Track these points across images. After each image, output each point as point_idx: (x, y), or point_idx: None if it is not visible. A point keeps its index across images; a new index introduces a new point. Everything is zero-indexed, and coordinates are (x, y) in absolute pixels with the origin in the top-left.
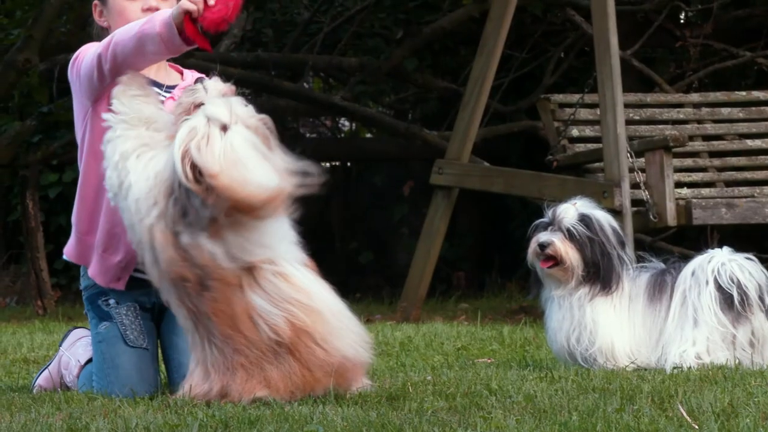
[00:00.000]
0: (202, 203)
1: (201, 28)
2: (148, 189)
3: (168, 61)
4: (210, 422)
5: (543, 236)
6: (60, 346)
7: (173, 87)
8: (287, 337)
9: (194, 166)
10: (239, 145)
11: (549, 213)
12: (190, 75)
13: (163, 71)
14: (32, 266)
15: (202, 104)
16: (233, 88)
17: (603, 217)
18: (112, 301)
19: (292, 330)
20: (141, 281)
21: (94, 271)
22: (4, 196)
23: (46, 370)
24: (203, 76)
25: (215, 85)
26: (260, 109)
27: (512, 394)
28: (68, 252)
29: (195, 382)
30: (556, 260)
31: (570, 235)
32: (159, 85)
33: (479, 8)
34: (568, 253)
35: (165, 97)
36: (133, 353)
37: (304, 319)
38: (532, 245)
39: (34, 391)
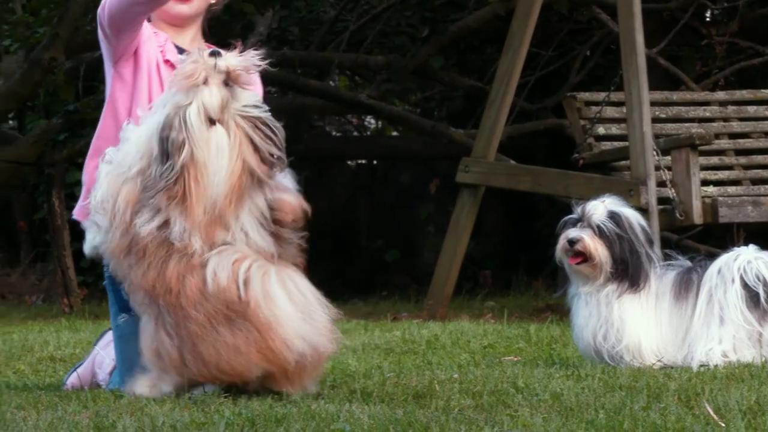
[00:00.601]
0: (161, 175)
1: None
2: (137, 146)
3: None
4: (237, 420)
5: (572, 232)
6: (95, 345)
7: None
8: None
9: (172, 143)
10: (213, 147)
11: (578, 209)
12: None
13: (196, 44)
14: (58, 264)
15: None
16: (252, 62)
17: (632, 215)
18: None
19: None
20: None
21: None
22: (30, 194)
23: (79, 368)
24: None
25: (224, 62)
26: (286, 108)
27: (539, 392)
28: (78, 212)
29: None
30: (584, 256)
31: (599, 232)
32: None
33: (505, 6)
34: (597, 249)
35: None
36: None
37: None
38: (561, 241)
39: (65, 388)
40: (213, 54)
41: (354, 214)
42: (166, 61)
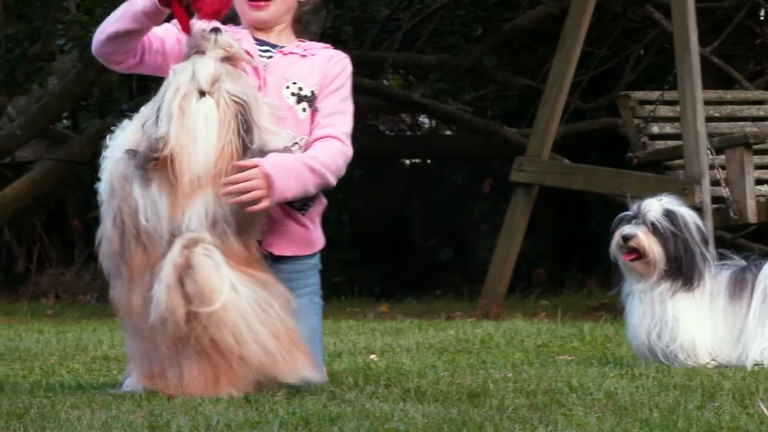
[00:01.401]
0: (146, 154)
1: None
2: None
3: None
4: (291, 419)
5: (627, 229)
6: None
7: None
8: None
9: (163, 110)
10: (200, 120)
11: (634, 207)
12: (322, 45)
13: (284, 35)
14: None
15: (203, 52)
16: (238, 50)
17: (687, 214)
18: None
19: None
20: None
21: None
22: (85, 193)
23: None
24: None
25: (224, 39)
26: None
27: (593, 391)
28: None
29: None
30: (638, 253)
31: (654, 229)
32: (273, 46)
33: (558, 5)
34: (651, 246)
35: (272, 54)
36: None
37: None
38: (616, 237)
39: (123, 388)
40: (214, 30)
41: (408, 213)
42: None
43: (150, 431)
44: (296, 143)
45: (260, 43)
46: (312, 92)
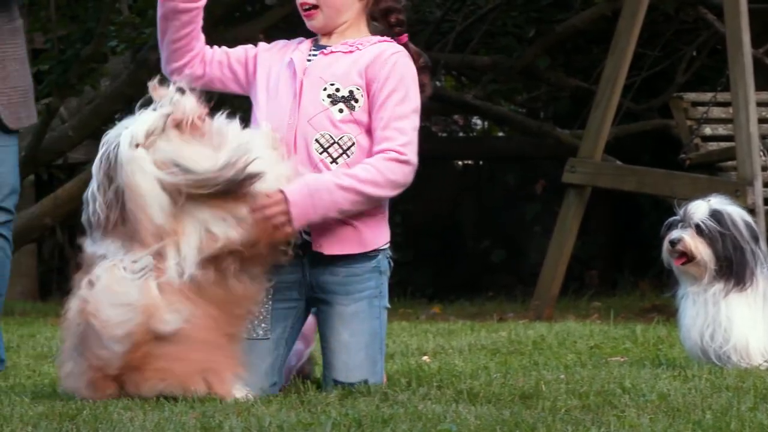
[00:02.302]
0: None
1: None
2: None
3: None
4: (343, 420)
5: (674, 233)
6: None
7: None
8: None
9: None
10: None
11: (681, 210)
12: (376, 39)
13: (348, 37)
14: None
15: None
16: (201, 111)
17: (735, 212)
18: None
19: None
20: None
21: None
22: None
23: None
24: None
25: (183, 101)
26: None
27: (645, 393)
28: None
29: None
30: (687, 256)
31: (700, 231)
32: (320, 47)
33: (611, 6)
34: (698, 248)
35: (321, 52)
36: (244, 346)
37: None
38: (665, 243)
39: None
40: (179, 89)
41: (460, 215)
42: (290, 61)
43: None
44: (335, 142)
45: (317, 47)
46: (350, 92)
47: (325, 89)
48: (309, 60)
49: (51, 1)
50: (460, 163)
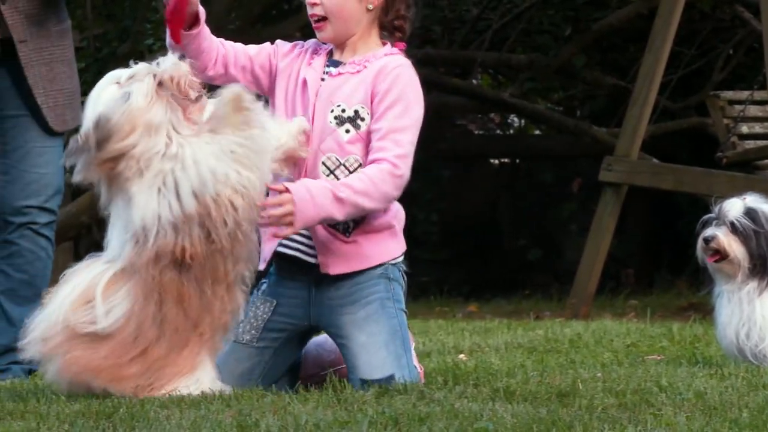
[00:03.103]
0: None
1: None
2: None
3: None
4: (380, 419)
5: (708, 231)
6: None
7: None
8: None
9: None
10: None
11: (716, 208)
12: (382, 52)
13: (359, 48)
14: None
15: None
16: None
17: None
18: (263, 287)
19: None
20: (293, 264)
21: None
22: None
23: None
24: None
25: (173, 62)
26: (429, 106)
27: (682, 391)
28: None
29: None
30: (721, 254)
31: (734, 229)
32: (335, 63)
33: (647, 5)
34: (732, 246)
35: (328, 72)
36: (227, 347)
37: None
38: (699, 240)
39: None
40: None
41: (496, 213)
42: (303, 81)
43: (239, 431)
44: (341, 164)
45: (333, 63)
46: (355, 111)
47: (332, 111)
48: (323, 78)
49: (87, 0)
50: (496, 161)
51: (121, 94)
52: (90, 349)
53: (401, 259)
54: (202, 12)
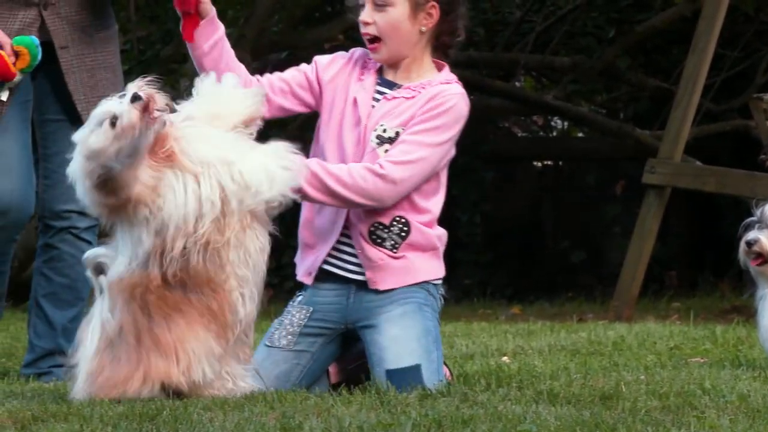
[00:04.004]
0: None
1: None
2: None
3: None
4: (423, 421)
5: (751, 234)
6: None
7: (400, 87)
8: None
9: None
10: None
11: (758, 211)
12: (438, 80)
13: (413, 69)
14: None
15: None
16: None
17: None
18: (299, 299)
19: None
20: (337, 277)
21: (297, 259)
22: None
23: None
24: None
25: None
26: (472, 109)
27: (725, 394)
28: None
29: None
30: (764, 257)
31: None
32: (391, 85)
33: (691, 7)
34: None
35: (383, 94)
36: (263, 352)
37: None
38: (741, 244)
39: None
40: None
41: (539, 215)
42: (354, 101)
43: None
44: None
45: (383, 82)
46: (396, 133)
47: (375, 130)
48: (376, 99)
49: (131, 2)
50: (539, 163)
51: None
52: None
53: (440, 282)
54: (220, 25)
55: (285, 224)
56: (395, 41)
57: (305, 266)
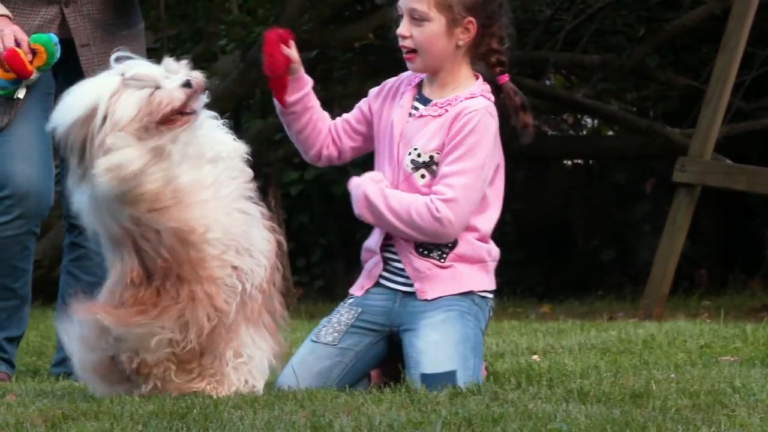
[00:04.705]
0: None
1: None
2: None
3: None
4: (454, 420)
5: None
6: None
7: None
8: None
9: None
10: None
11: None
12: (465, 95)
13: (449, 83)
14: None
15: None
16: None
17: None
18: (349, 301)
19: None
20: (386, 287)
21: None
22: None
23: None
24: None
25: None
26: (501, 108)
27: (756, 392)
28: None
29: None
30: None
31: None
32: (426, 101)
33: (721, 5)
34: None
35: (418, 110)
36: (308, 347)
37: None
38: None
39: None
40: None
41: (569, 214)
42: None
43: (312, 431)
44: None
45: (420, 98)
46: (430, 157)
47: (409, 154)
48: (410, 114)
49: (161, 1)
50: (569, 162)
51: None
52: None
53: (491, 296)
54: (308, 80)
55: (315, 223)
56: (430, 55)
57: (360, 282)
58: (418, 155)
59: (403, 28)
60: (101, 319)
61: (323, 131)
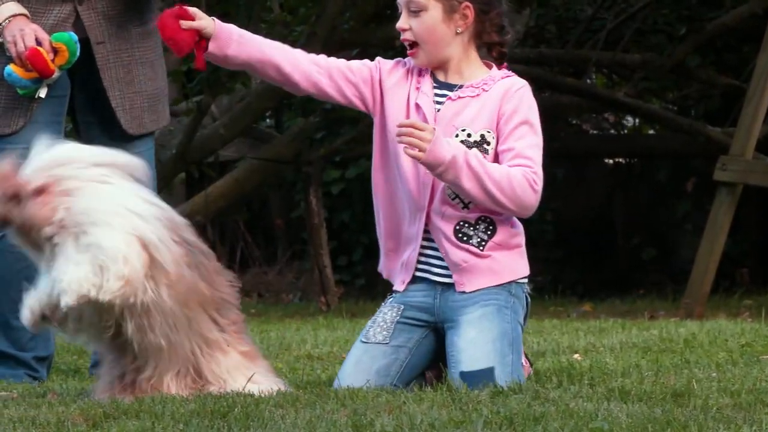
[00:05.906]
0: None
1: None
2: None
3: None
4: (495, 418)
5: None
6: None
7: (460, 86)
8: None
9: None
10: None
11: None
12: (499, 75)
13: (464, 69)
14: (315, 263)
15: None
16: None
17: None
18: (390, 299)
19: None
20: (424, 279)
21: (382, 267)
22: (288, 192)
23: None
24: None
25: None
26: (543, 106)
27: None
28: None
29: None
30: None
31: None
32: (450, 87)
33: (762, 4)
34: None
35: (447, 96)
36: (360, 348)
37: None
38: None
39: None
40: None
41: (611, 213)
42: (416, 105)
43: (354, 430)
44: None
45: (439, 85)
46: (482, 136)
47: (457, 135)
48: (439, 102)
49: (202, 0)
50: (611, 161)
51: None
52: None
53: (526, 280)
54: (223, 28)
55: (356, 221)
56: (431, 45)
57: (401, 276)
58: (468, 135)
59: (402, 22)
60: None
61: (287, 58)
